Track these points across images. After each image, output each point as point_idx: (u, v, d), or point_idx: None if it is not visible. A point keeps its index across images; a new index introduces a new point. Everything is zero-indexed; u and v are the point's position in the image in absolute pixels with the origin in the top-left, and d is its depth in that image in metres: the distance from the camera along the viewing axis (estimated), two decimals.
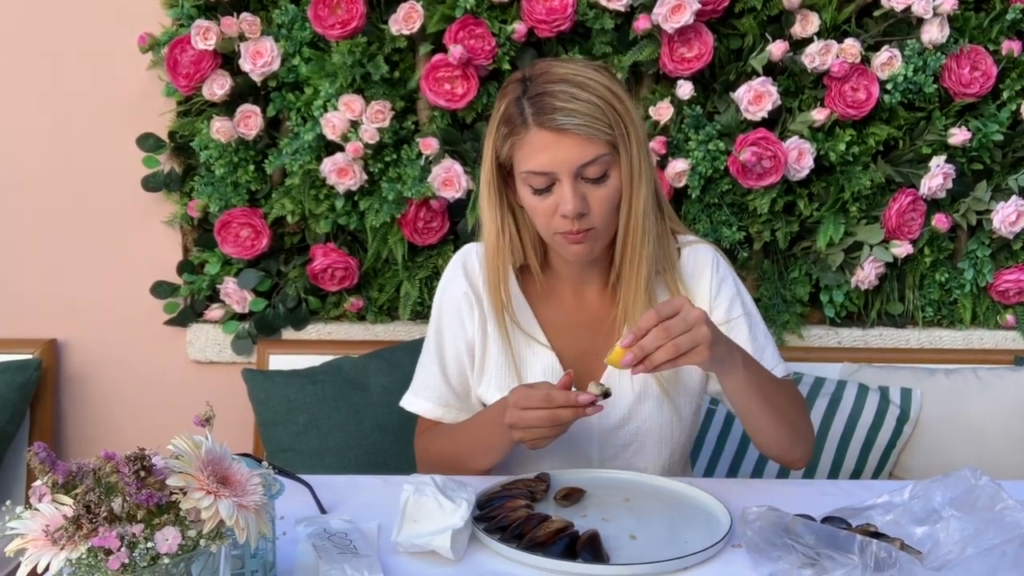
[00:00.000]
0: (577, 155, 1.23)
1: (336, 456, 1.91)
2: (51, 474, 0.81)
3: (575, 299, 1.41)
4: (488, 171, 1.32)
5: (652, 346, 1.10)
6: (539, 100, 1.23)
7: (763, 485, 1.38)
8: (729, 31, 2.01)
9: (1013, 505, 1.04)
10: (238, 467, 0.84)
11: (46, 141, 2.14)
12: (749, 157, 1.94)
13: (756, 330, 1.41)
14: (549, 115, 1.22)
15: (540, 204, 1.27)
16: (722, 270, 1.42)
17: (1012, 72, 2.04)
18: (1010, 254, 2.14)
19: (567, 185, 1.24)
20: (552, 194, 1.26)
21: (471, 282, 1.41)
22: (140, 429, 2.16)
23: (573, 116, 1.21)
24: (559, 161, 1.23)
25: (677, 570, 1.04)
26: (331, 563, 1.03)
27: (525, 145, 1.25)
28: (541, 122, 1.22)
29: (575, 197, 1.24)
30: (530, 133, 1.24)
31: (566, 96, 1.22)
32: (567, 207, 1.24)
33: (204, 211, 2.08)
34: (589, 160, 1.23)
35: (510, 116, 1.26)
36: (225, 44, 1.97)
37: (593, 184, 1.25)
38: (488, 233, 1.36)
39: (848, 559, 0.96)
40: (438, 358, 1.42)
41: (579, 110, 1.22)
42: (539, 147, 1.24)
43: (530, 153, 1.24)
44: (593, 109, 1.22)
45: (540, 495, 1.22)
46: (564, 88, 1.23)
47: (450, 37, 1.94)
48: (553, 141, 1.23)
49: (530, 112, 1.23)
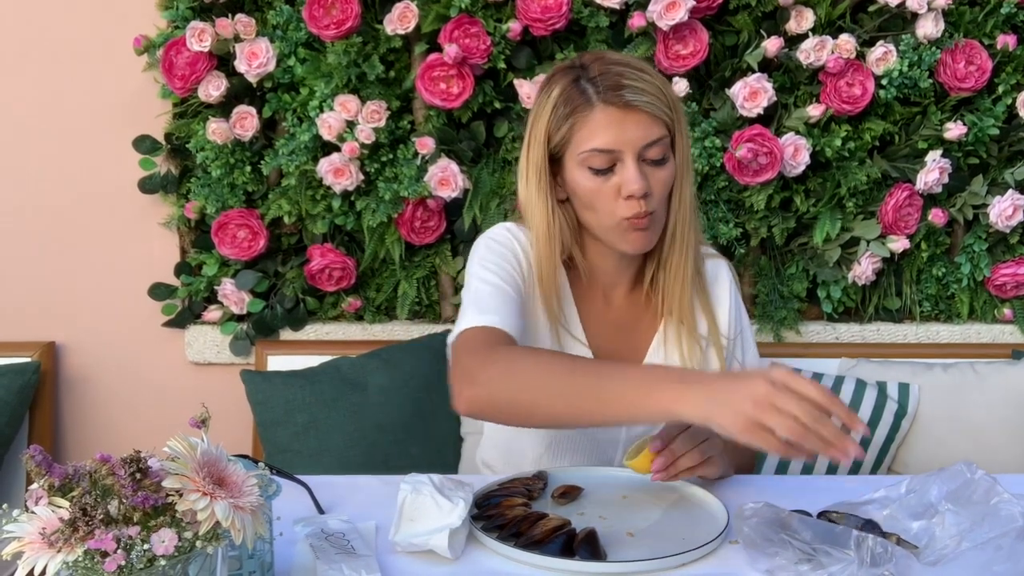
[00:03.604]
0: (643, 133, 1.22)
1: (335, 456, 1.91)
2: (47, 477, 0.81)
3: (604, 300, 1.40)
4: (539, 158, 1.28)
5: (680, 451, 1.16)
6: (604, 78, 1.22)
7: (759, 481, 1.39)
8: (724, 28, 2.01)
9: (1008, 499, 1.04)
10: (234, 468, 0.84)
11: (42, 144, 2.14)
12: (745, 154, 1.94)
13: (748, 356, 1.46)
14: (617, 91, 1.21)
15: (602, 186, 1.24)
16: (735, 288, 1.45)
17: (1007, 66, 2.04)
18: (1007, 248, 2.14)
19: (631, 164, 1.22)
20: (614, 175, 1.24)
21: (520, 244, 1.35)
22: (139, 431, 2.16)
23: (641, 94, 1.21)
24: (626, 139, 1.22)
25: (674, 566, 1.05)
26: (329, 563, 1.03)
27: (589, 122, 1.23)
28: (608, 99, 1.21)
29: (640, 176, 1.22)
30: (595, 110, 1.22)
31: (633, 75, 1.22)
32: (633, 186, 1.22)
33: (201, 212, 2.08)
34: (654, 140, 1.23)
35: (570, 97, 1.24)
36: (220, 45, 1.97)
37: (653, 166, 1.24)
38: (539, 222, 1.30)
39: (844, 554, 0.97)
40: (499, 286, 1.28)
41: (646, 88, 1.22)
42: (604, 124, 1.22)
43: (595, 130, 1.23)
44: (656, 90, 1.23)
45: (537, 493, 1.22)
46: (628, 69, 1.23)
47: (445, 36, 1.94)
48: (620, 118, 1.21)
49: (594, 90, 1.22)
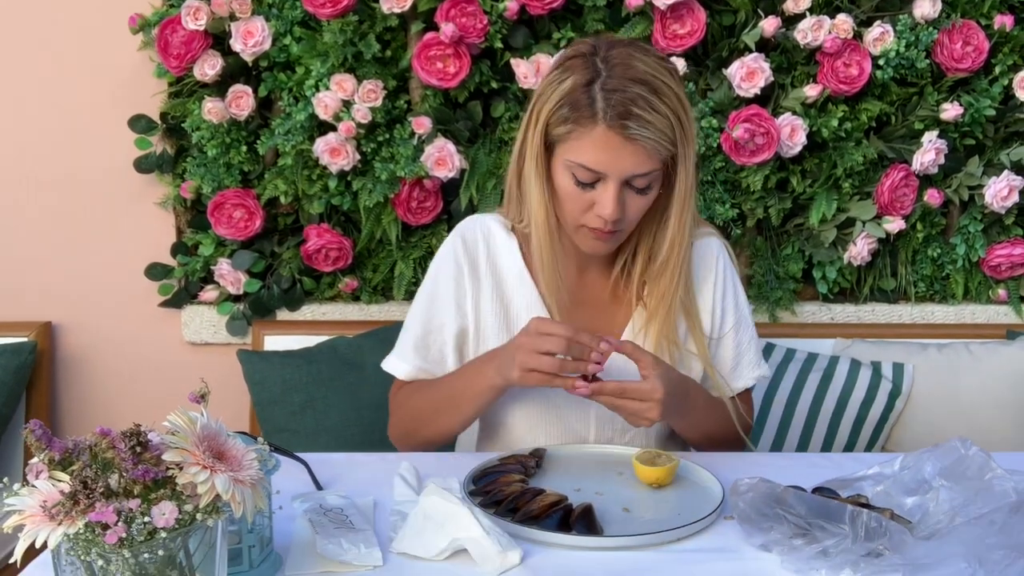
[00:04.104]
0: (635, 165, 1.20)
1: (332, 435, 1.92)
2: (48, 451, 0.81)
3: (578, 277, 1.40)
4: (538, 144, 1.26)
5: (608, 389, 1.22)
6: (615, 98, 1.18)
7: (754, 457, 1.40)
8: (721, 7, 2.01)
9: (1002, 474, 1.05)
10: (234, 443, 0.85)
11: (38, 123, 2.13)
12: (742, 134, 1.94)
13: (743, 335, 1.44)
14: (623, 119, 1.17)
15: (579, 196, 1.24)
16: (726, 272, 1.42)
17: (1004, 47, 2.04)
18: (1002, 229, 2.15)
19: (612, 189, 1.21)
20: (594, 190, 1.23)
21: (470, 255, 1.39)
22: (136, 411, 2.12)
23: (646, 127, 1.18)
24: (616, 167, 1.20)
25: (670, 541, 1.06)
26: (327, 537, 1.04)
27: (586, 137, 1.20)
28: (612, 124, 1.18)
29: (617, 204, 1.22)
30: (596, 129, 1.19)
31: (644, 104, 1.17)
32: (606, 211, 1.22)
33: (197, 192, 2.07)
34: (643, 172, 1.21)
35: (577, 101, 1.20)
36: (215, 24, 1.96)
37: (636, 192, 1.24)
38: (536, 211, 1.29)
39: (839, 529, 0.97)
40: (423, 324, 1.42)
41: (654, 123, 1.18)
42: (600, 146, 1.19)
43: (588, 148, 1.20)
44: (665, 124, 1.19)
45: (533, 471, 1.23)
46: (643, 93, 1.18)
47: (442, 15, 1.93)
48: (618, 145, 1.19)
49: (602, 107, 1.18)
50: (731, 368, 1.43)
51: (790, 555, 1.00)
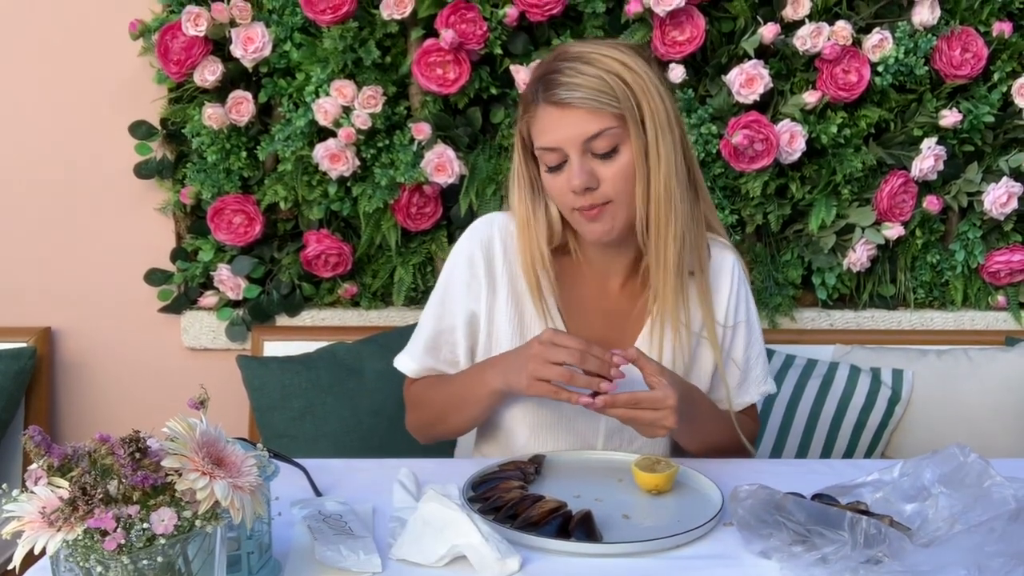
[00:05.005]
0: (581, 129, 1.22)
1: (331, 441, 1.92)
2: (47, 457, 0.81)
3: (599, 286, 1.39)
4: (517, 153, 1.33)
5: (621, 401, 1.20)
6: (546, 78, 1.24)
7: (753, 464, 1.39)
8: (721, 14, 2.01)
9: (1001, 481, 1.05)
10: (233, 449, 0.85)
11: (38, 129, 2.13)
12: (741, 140, 1.94)
13: (751, 351, 1.43)
14: (551, 91, 1.23)
15: (554, 181, 1.27)
16: (740, 287, 1.42)
17: (1003, 53, 2.05)
18: (1001, 235, 2.15)
19: (575, 160, 1.24)
20: (564, 171, 1.26)
21: (486, 255, 1.38)
22: (135, 416, 2.12)
23: (575, 90, 1.22)
24: (563, 137, 1.23)
25: (669, 548, 1.06)
26: (326, 544, 1.03)
27: (536, 122, 1.26)
28: (546, 98, 1.24)
29: (581, 171, 1.23)
30: (539, 110, 1.25)
31: (571, 71, 1.23)
32: (575, 181, 1.24)
33: (197, 198, 2.08)
34: (593, 134, 1.22)
35: (527, 94, 1.29)
36: (216, 30, 1.97)
37: (602, 159, 1.24)
38: (518, 215, 1.35)
39: (838, 535, 0.97)
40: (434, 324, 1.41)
41: (582, 84, 1.22)
42: (546, 123, 1.25)
43: (540, 130, 1.26)
44: (598, 83, 1.22)
45: (532, 477, 1.23)
46: (571, 64, 1.23)
47: (441, 22, 1.93)
48: (558, 116, 1.23)
49: (540, 88, 1.25)
50: (738, 383, 1.42)
51: (789, 562, 1.00)
